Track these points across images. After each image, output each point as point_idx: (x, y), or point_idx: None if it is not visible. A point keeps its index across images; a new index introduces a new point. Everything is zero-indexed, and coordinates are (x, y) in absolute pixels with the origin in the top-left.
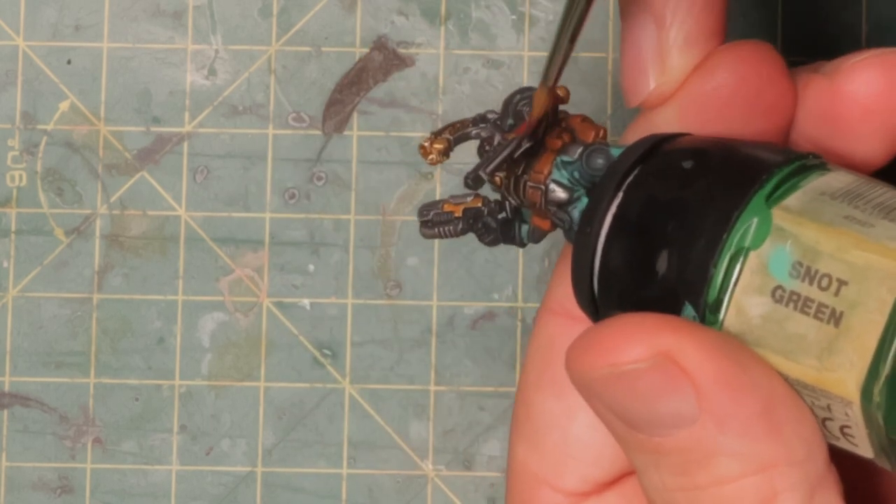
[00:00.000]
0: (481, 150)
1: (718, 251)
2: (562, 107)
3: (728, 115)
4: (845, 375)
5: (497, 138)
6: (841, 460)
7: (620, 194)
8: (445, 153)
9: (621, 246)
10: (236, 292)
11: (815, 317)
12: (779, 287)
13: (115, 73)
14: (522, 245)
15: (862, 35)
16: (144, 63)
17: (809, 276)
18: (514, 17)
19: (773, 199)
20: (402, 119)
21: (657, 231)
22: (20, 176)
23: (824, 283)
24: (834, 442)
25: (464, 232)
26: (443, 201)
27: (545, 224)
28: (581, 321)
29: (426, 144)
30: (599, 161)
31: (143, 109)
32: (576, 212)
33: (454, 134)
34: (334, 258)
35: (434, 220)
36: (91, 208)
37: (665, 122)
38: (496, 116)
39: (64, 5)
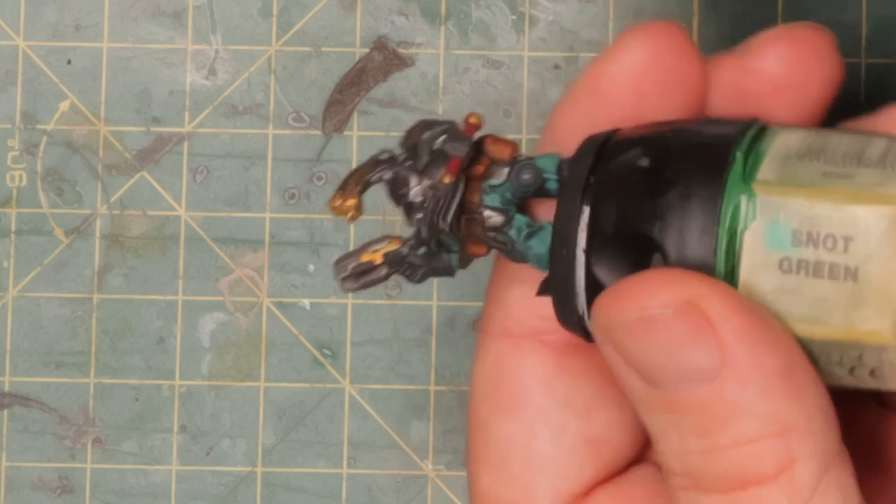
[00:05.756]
0: (395, 195)
1: (715, 242)
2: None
3: (643, 93)
4: (877, 325)
5: (414, 180)
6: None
7: (587, 209)
8: (359, 208)
9: (608, 259)
10: (236, 292)
11: (831, 277)
12: (784, 259)
13: (115, 73)
14: (452, 274)
15: (862, 35)
16: (144, 63)
17: (812, 240)
18: (514, 17)
19: (747, 175)
20: (402, 119)
21: (642, 237)
22: (20, 176)
23: (829, 243)
24: (857, 385)
25: (388, 276)
26: (357, 252)
27: (481, 250)
28: (526, 338)
29: (337, 205)
30: (527, 176)
31: (143, 109)
32: (513, 231)
33: (359, 184)
34: (334, 258)
35: (354, 274)
36: (91, 208)
37: (582, 114)
38: (389, 156)
39: (64, 5)
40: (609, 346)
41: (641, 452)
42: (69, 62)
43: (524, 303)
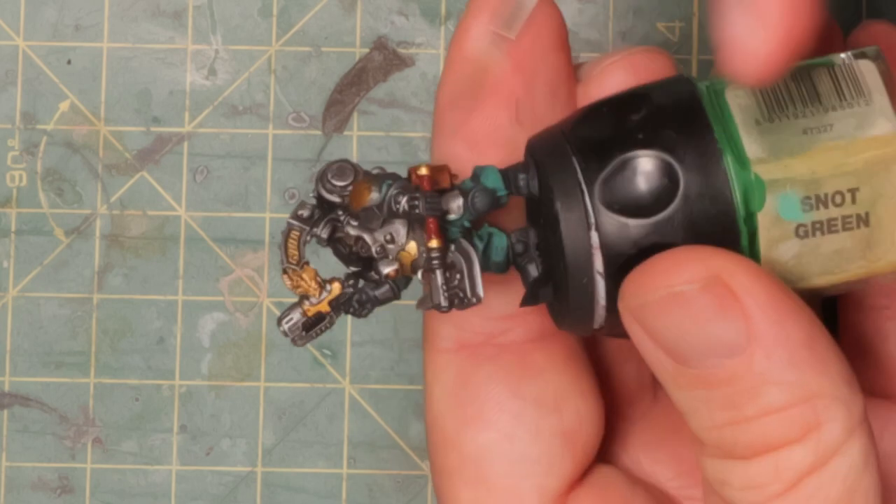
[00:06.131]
0: (344, 252)
1: (737, 233)
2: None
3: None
4: (893, 257)
5: (368, 237)
6: None
7: (595, 235)
8: (320, 282)
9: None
10: (236, 292)
11: (845, 229)
12: (799, 226)
13: (115, 73)
14: (399, 297)
15: None
16: (144, 63)
17: (821, 202)
18: None
19: (740, 157)
20: (402, 119)
21: (662, 246)
22: (20, 176)
23: (838, 199)
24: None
25: (337, 317)
26: (299, 307)
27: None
28: (482, 346)
29: (304, 288)
30: (482, 203)
31: (143, 109)
32: (491, 253)
33: (301, 254)
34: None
35: (306, 328)
36: (91, 208)
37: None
38: (309, 210)
39: (64, 5)
40: (636, 326)
41: (604, 447)
42: (69, 62)
43: (470, 309)
